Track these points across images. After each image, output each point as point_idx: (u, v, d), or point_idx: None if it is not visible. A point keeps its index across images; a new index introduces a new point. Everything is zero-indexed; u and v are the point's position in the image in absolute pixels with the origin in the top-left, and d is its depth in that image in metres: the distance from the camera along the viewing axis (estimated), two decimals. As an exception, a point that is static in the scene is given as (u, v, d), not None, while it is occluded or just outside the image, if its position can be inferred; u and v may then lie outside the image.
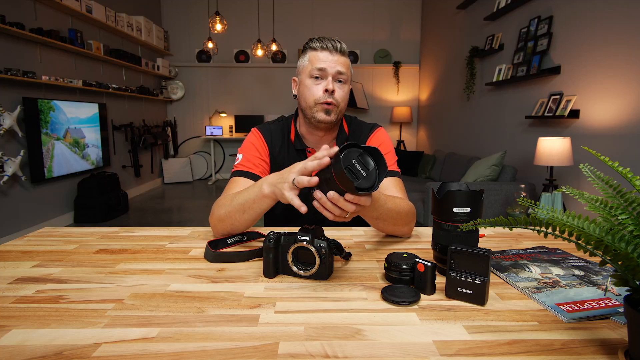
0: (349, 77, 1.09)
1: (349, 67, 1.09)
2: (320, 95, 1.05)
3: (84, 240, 0.96)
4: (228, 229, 0.94)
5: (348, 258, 0.83)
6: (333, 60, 1.05)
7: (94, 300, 0.63)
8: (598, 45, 2.64)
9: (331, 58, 1.05)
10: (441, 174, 4.55)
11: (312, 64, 1.06)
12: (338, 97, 1.06)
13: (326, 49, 1.06)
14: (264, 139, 1.16)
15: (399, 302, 0.62)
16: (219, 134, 6.46)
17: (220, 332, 0.54)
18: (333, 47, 1.05)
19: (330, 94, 1.05)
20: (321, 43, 1.06)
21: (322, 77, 1.06)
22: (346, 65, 1.08)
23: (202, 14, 6.26)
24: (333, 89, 1.04)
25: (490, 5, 4.08)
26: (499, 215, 2.78)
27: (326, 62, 1.05)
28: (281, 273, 0.75)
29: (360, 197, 0.66)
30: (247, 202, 0.88)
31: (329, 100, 1.05)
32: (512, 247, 0.92)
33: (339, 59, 1.06)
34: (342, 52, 1.07)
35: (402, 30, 6.59)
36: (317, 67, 1.05)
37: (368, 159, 0.65)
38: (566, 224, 0.44)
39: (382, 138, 1.19)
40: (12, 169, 3.09)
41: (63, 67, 3.85)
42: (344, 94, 1.08)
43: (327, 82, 1.05)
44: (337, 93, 1.06)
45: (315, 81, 1.06)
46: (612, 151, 2.51)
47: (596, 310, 0.59)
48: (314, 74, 1.06)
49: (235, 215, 0.91)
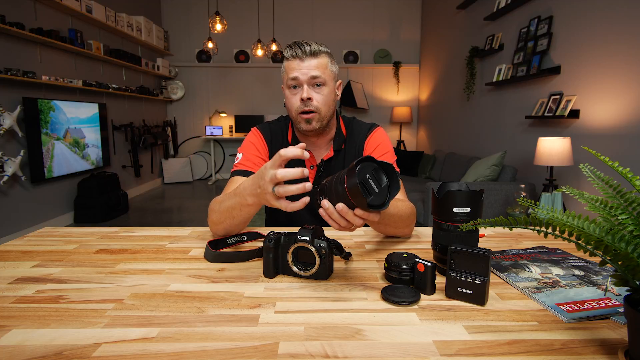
0: (328, 77, 1.05)
1: (326, 67, 1.05)
2: (298, 105, 1.04)
3: (84, 240, 0.96)
4: (223, 232, 0.94)
5: (348, 258, 0.83)
6: (305, 67, 1.02)
7: (94, 300, 0.63)
8: (598, 45, 2.64)
9: (302, 65, 1.02)
10: (441, 174, 4.55)
11: (287, 74, 1.05)
12: (317, 102, 1.04)
13: (296, 57, 1.03)
14: (264, 139, 1.15)
15: (399, 302, 0.62)
16: (219, 134, 6.46)
17: (220, 332, 0.54)
18: (303, 52, 1.02)
19: (307, 102, 1.03)
20: (291, 51, 1.04)
21: (298, 85, 1.04)
22: (322, 67, 1.04)
23: (202, 14, 6.26)
24: (308, 96, 1.02)
25: (490, 5, 4.08)
26: (499, 215, 2.78)
27: (298, 70, 1.03)
28: (281, 273, 0.75)
29: (370, 214, 0.64)
30: (233, 210, 0.87)
31: (305, 109, 1.03)
32: (512, 247, 0.92)
33: (310, 63, 1.03)
34: (314, 54, 1.03)
35: (402, 30, 6.59)
36: (291, 77, 1.04)
37: (382, 175, 0.63)
38: (566, 224, 0.44)
39: (381, 138, 1.18)
40: (12, 169, 3.09)
41: (63, 67, 3.85)
42: (324, 97, 1.05)
43: (302, 91, 1.03)
44: (315, 98, 1.04)
45: (292, 91, 1.05)
46: (612, 151, 2.51)
47: (596, 310, 0.59)
48: (289, 84, 1.05)
49: (226, 220, 0.90)
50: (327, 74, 1.05)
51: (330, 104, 1.08)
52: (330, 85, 1.07)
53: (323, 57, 1.05)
